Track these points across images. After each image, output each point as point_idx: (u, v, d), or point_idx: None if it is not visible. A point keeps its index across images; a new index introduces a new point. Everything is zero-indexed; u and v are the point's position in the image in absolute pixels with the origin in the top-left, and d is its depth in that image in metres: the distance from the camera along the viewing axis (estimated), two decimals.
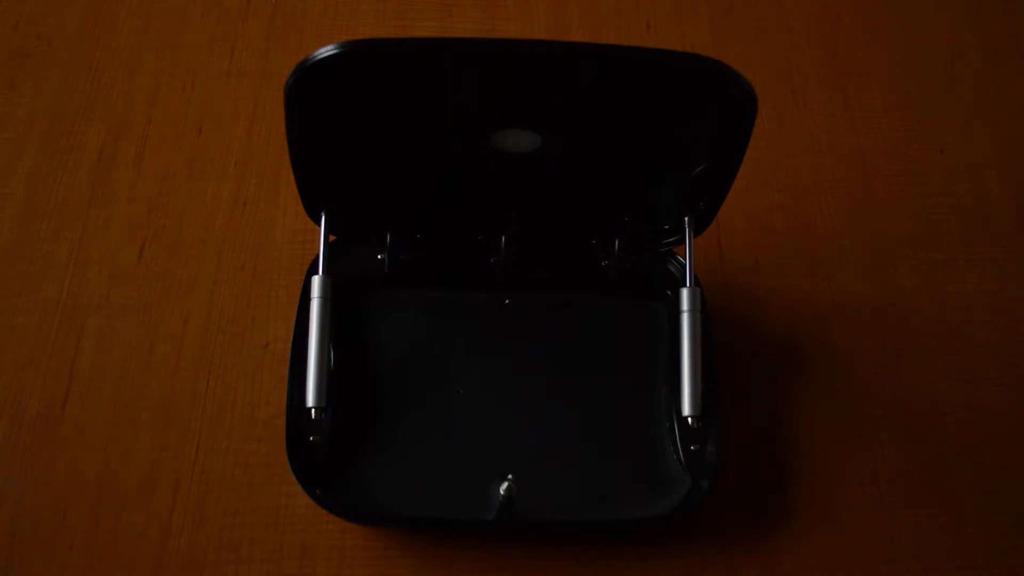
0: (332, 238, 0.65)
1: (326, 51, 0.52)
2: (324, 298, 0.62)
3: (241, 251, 0.72)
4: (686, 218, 0.65)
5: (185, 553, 0.61)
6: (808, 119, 0.81)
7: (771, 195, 0.77)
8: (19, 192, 0.73)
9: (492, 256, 0.68)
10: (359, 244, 0.67)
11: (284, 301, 0.70)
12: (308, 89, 0.54)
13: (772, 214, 0.76)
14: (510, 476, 0.61)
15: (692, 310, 0.64)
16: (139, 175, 0.75)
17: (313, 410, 0.60)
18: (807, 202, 0.77)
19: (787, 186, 0.77)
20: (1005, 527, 0.65)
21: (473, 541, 0.62)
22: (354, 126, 0.59)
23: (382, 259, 0.67)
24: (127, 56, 0.80)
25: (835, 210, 0.77)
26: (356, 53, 0.52)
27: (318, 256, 0.64)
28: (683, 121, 0.59)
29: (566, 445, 0.64)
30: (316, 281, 0.63)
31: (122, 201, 0.74)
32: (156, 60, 0.80)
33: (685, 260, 0.65)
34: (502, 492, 0.60)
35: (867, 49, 0.85)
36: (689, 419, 0.62)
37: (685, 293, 0.64)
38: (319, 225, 0.64)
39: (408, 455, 0.62)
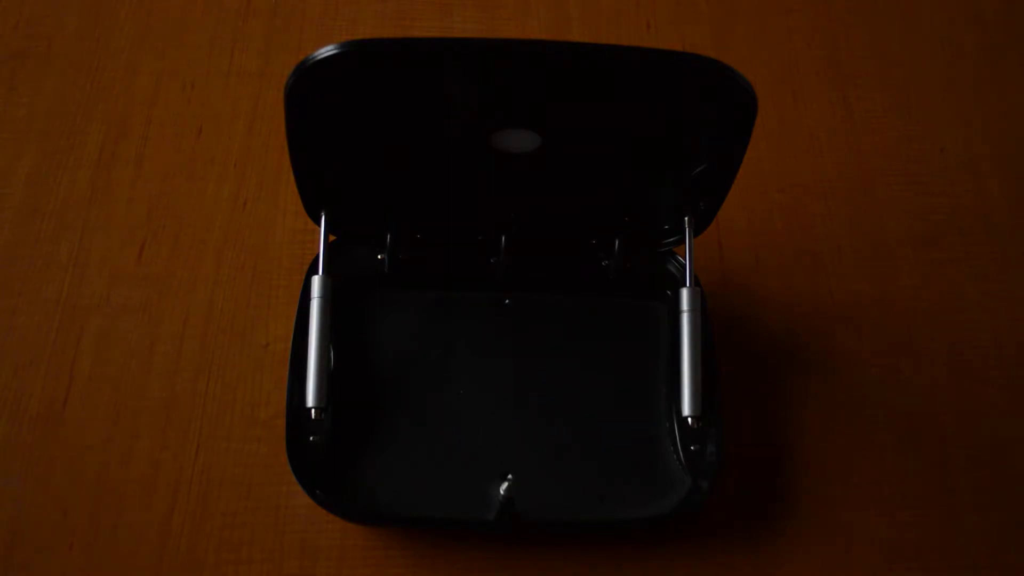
0: (332, 238, 0.65)
1: (326, 51, 0.52)
2: (324, 298, 0.62)
3: (241, 251, 0.72)
4: (686, 218, 0.65)
5: (185, 553, 0.61)
6: (808, 119, 0.81)
7: (771, 195, 0.77)
8: (19, 192, 0.73)
9: (492, 256, 0.68)
10: (359, 244, 0.67)
11: (284, 301, 0.70)
12: (308, 89, 0.54)
13: (772, 214, 0.76)
14: (510, 476, 0.61)
15: (692, 310, 0.64)
16: (139, 175, 0.75)
17: (313, 410, 0.60)
18: (807, 202, 0.77)
19: (787, 186, 0.77)
20: (1005, 527, 0.65)
21: (473, 541, 0.62)
22: (354, 126, 0.59)
23: (382, 259, 0.67)
24: (127, 56, 0.80)
25: (835, 210, 0.77)
26: (356, 53, 0.52)
27: (318, 256, 0.64)
28: (683, 121, 0.59)
29: (566, 445, 0.64)
30: (316, 281, 0.63)
31: (122, 201, 0.74)
32: (156, 60, 0.80)
33: (685, 260, 0.65)
34: (502, 492, 0.60)
35: (867, 49, 0.85)
36: (689, 419, 0.62)
37: (685, 293, 0.64)
38: (319, 225, 0.64)
39: (408, 455, 0.62)
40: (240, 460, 0.64)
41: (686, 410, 0.62)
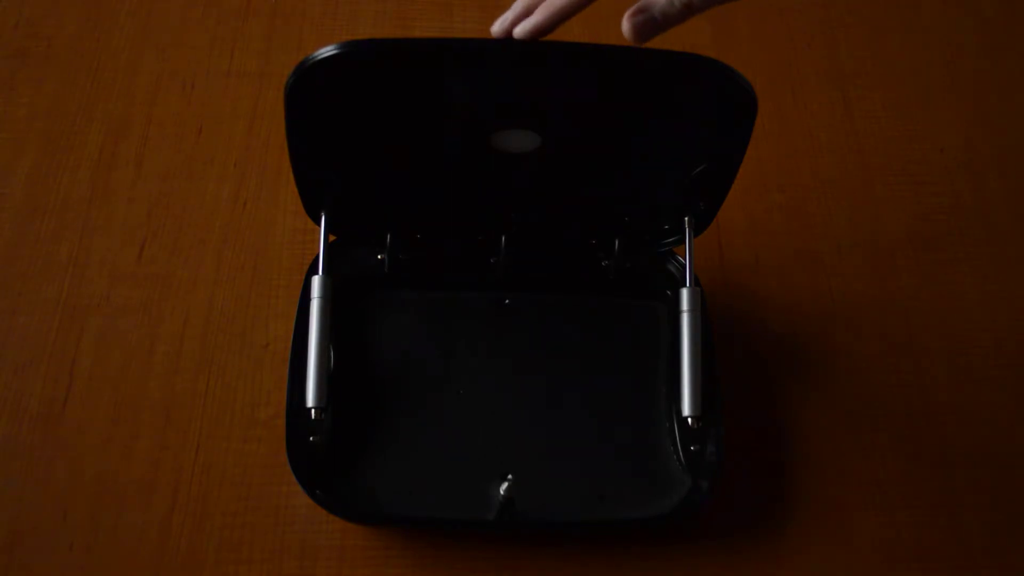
0: (332, 238, 0.65)
1: (326, 51, 0.52)
2: (324, 298, 0.62)
3: (241, 251, 0.72)
4: (686, 218, 0.65)
5: (185, 553, 0.61)
6: (808, 119, 0.81)
7: (771, 195, 0.77)
8: (19, 192, 0.73)
9: (492, 256, 0.68)
10: (359, 244, 0.67)
11: (284, 301, 0.70)
12: (308, 89, 0.54)
13: (772, 214, 0.76)
14: (510, 476, 0.61)
15: (692, 310, 0.64)
16: (139, 175, 0.75)
17: (313, 410, 0.60)
18: (807, 202, 0.77)
19: (787, 186, 0.78)
20: (1005, 527, 0.65)
21: (473, 541, 0.62)
22: (354, 126, 0.59)
23: (382, 259, 0.67)
24: (127, 56, 0.80)
25: (835, 210, 0.77)
26: (356, 53, 0.52)
27: (318, 256, 0.64)
28: (683, 121, 0.59)
29: (566, 445, 0.64)
30: (316, 281, 0.63)
31: (122, 201, 0.74)
32: (156, 60, 0.80)
33: (685, 260, 0.65)
34: (502, 492, 0.60)
35: (867, 49, 0.85)
36: (689, 419, 0.62)
37: (685, 293, 0.64)
38: (319, 225, 0.64)
39: (408, 455, 0.63)
40: (240, 460, 0.64)
41: (686, 410, 0.62)
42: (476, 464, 0.62)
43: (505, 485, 0.60)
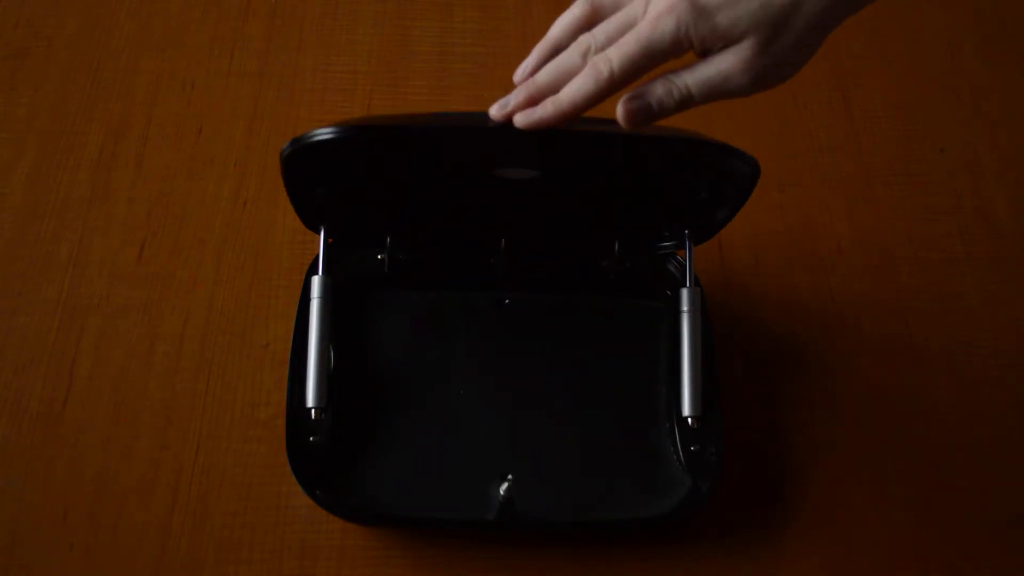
0: (331, 240, 0.65)
1: (322, 134, 0.52)
2: (324, 298, 0.62)
3: (241, 251, 0.72)
4: (686, 231, 0.65)
5: (185, 553, 0.61)
6: (808, 119, 0.81)
7: (771, 195, 0.77)
8: (19, 192, 0.73)
9: (492, 256, 0.68)
10: (359, 244, 0.67)
11: (284, 301, 0.70)
12: (304, 159, 0.54)
13: (772, 214, 0.76)
14: (510, 476, 0.61)
15: (692, 310, 0.64)
16: (139, 175, 0.75)
17: (313, 410, 0.60)
18: (807, 202, 0.77)
19: (787, 186, 0.77)
20: (1005, 527, 0.65)
21: (473, 541, 0.62)
22: (352, 178, 0.59)
23: (382, 259, 0.67)
24: (127, 56, 0.80)
25: (835, 210, 0.77)
26: (352, 139, 0.53)
27: (318, 256, 0.64)
28: (686, 183, 0.60)
29: (566, 445, 0.64)
30: (316, 281, 0.63)
31: (122, 201, 0.74)
32: (156, 60, 0.80)
33: (685, 260, 0.65)
34: (502, 492, 0.60)
35: (867, 49, 0.85)
36: (689, 419, 0.62)
37: (685, 293, 0.64)
38: (318, 234, 0.64)
39: (408, 455, 0.62)
40: (240, 460, 0.64)
41: (686, 410, 0.62)
42: (476, 464, 0.62)
43: (505, 485, 0.60)
